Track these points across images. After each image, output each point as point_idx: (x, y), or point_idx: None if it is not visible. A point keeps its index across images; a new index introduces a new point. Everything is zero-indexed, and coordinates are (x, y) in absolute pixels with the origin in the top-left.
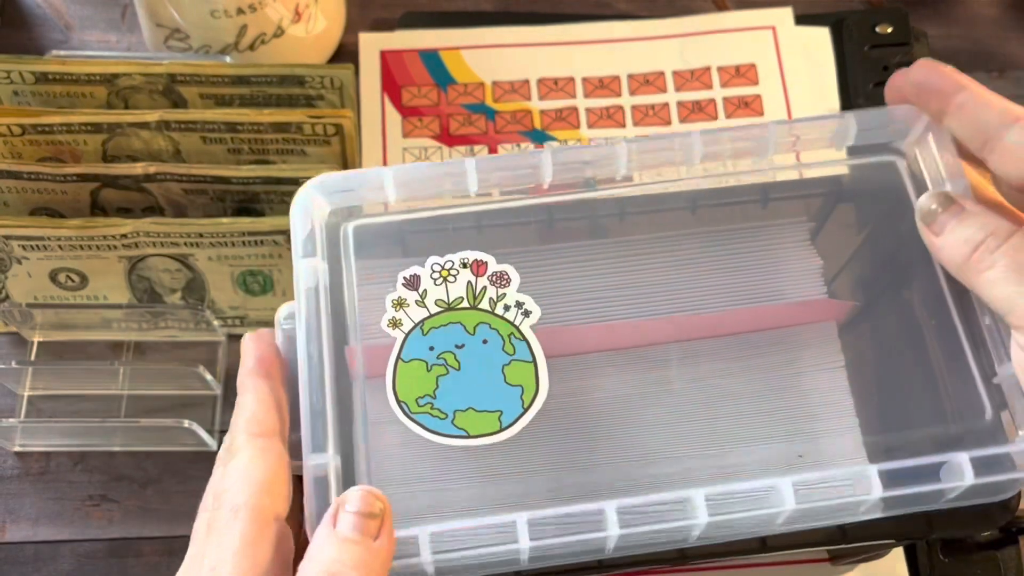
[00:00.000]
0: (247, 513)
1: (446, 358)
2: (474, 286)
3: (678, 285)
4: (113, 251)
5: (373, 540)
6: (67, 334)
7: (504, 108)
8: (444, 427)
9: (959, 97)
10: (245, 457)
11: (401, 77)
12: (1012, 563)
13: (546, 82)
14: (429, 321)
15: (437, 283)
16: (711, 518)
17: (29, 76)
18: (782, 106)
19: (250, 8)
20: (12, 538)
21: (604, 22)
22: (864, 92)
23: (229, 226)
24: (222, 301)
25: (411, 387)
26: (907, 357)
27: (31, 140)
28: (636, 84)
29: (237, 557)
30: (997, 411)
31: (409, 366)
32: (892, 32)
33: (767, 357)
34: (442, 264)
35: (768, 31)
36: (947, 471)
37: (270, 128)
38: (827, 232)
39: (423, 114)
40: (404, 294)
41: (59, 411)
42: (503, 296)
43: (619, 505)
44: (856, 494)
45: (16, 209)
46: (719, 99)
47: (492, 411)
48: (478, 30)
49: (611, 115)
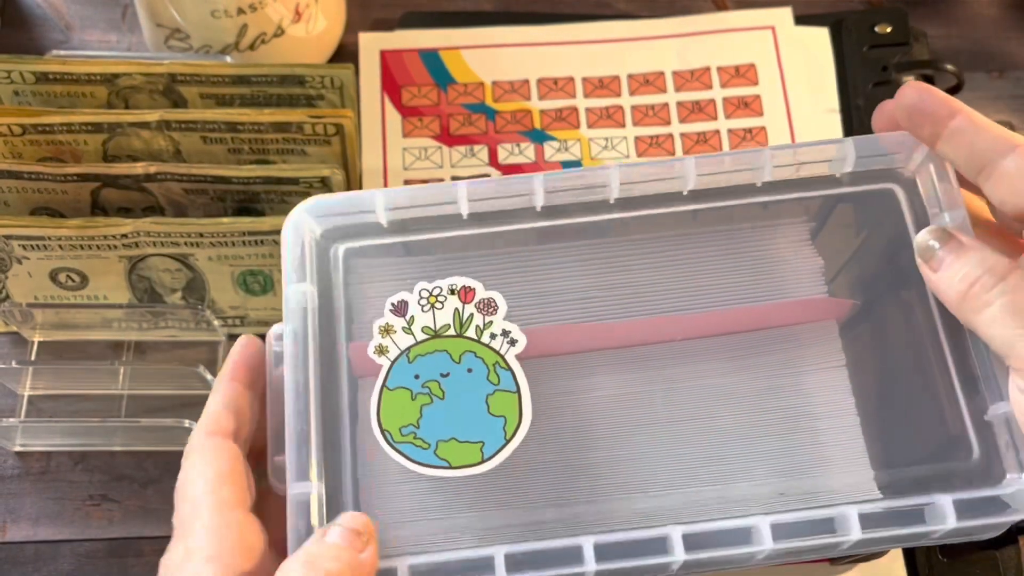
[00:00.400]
0: (207, 501)
1: (431, 387)
2: (461, 313)
3: (676, 285)
4: (113, 251)
5: (359, 552)
6: (67, 334)
7: (504, 108)
8: (427, 457)
9: (953, 122)
10: (197, 455)
11: (401, 77)
12: (1011, 563)
13: (546, 82)
14: (415, 348)
15: (424, 309)
16: (688, 556)
17: (29, 76)
18: (782, 106)
19: (250, 8)
20: (12, 538)
21: (604, 22)
22: (864, 92)
23: (229, 226)
24: (222, 301)
25: (395, 416)
26: (900, 385)
27: (31, 140)
28: (636, 84)
29: (201, 543)
30: (985, 451)
31: (394, 394)
32: (891, 32)
33: (766, 356)
34: (430, 290)
35: (768, 31)
36: (931, 513)
37: (270, 128)
38: (827, 233)
39: (423, 114)
40: (391, 320)
41: (59, 411)
42: (489, 324)
43: (597, 541)
44: (836, 534)
45: (16, 209)
46: (719, 99)
47: (475, 442)
48: (478, 30)
49: (611, 115)
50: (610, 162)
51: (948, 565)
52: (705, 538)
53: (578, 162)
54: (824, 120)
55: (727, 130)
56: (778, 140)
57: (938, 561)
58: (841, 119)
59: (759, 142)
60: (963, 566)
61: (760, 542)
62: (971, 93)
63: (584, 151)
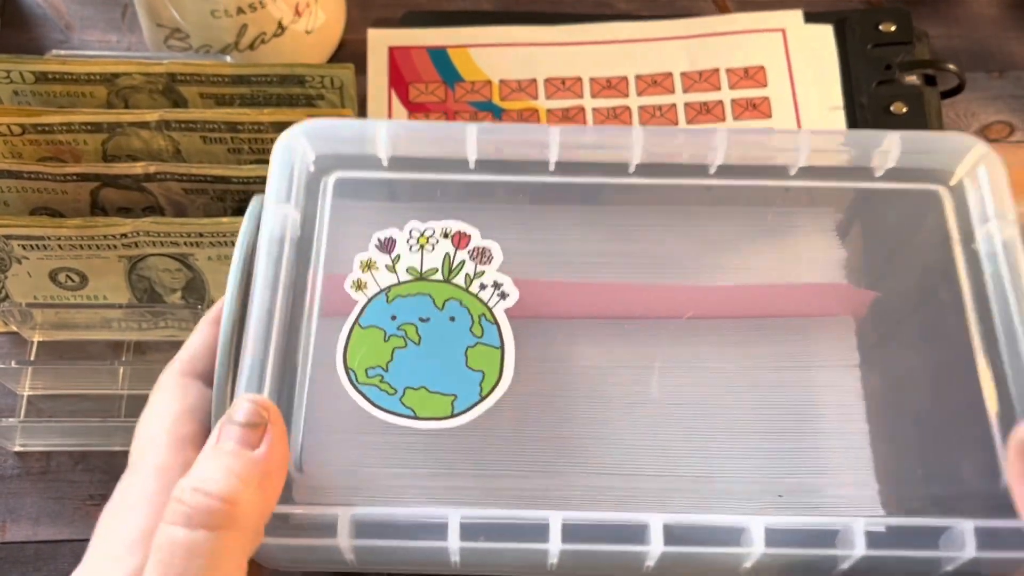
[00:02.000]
0: (163, 439)
1: (407, 330)
2: (451, 258)
3: (689, 260)
4: (113, 251)
5: (251, 450)
6: (67, 334)
7: (511, 107)
8: (391, 403)
9: None
10: (165, 393)
11: (409, 73)
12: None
13: (553, 81)
14: (396, 289)
15: (413, 249)
16: (666, 548)
17: (29, 76)
18: (791, 109)
19: (250, 7)
20: (13, 538)
21: (613, 23)
22: (867, 91)
23: (229, 226)
24: None
25: (363, 355)
26: (918, 395)
27: (31, 140)
28: (644, 85)
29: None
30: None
31: (366, 333)
32: (895, 31)
33: (775, 346)
34: (422, 230)
35: (778, 34)
36: (947, 539)
37: (270, 128)
38: (855, 233)
39: (430, 111)
40: (375, 256)
41: (59, 411)
42: (481, 273)
43: (566, 519)
44: (838, 548)
45: (16, 209)
46: (727, 101)
47: (446, 394)
48: (487, 28)
49: (618, 115)
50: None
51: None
52: (688, 532)
53: None
54: (828, 118)
55: None
56: None
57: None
58: (845, 116)
59: None
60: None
61: (750, 543)
62: (971, 93)
63: None
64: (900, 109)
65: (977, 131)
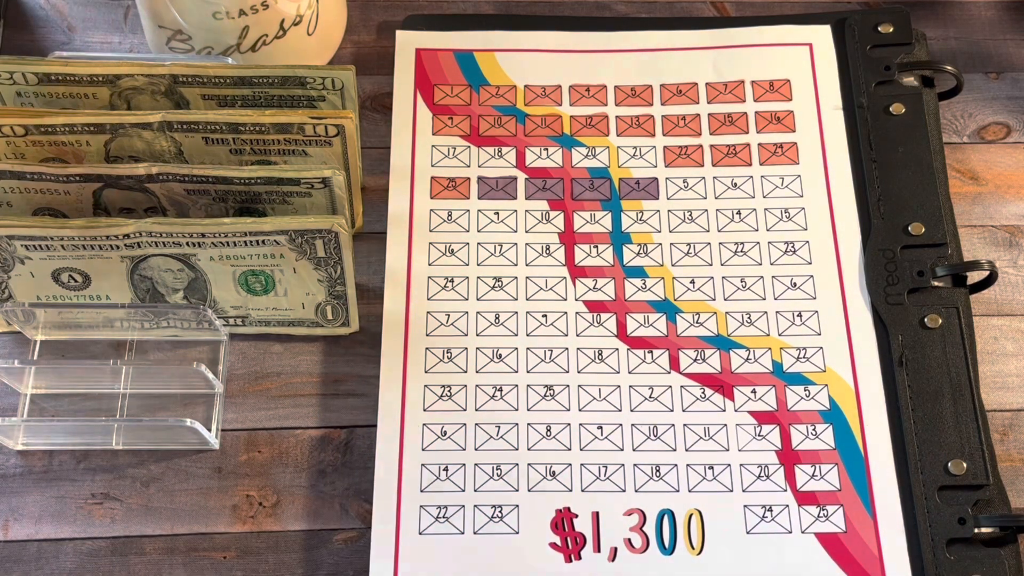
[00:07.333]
0: None
1: None
2: None
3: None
4: (115, 251)
5: None
6: (69, 333)
7: (534, 112)
8: None
9: None
10: None
11: (435, 76)
12: (1013, 560)
13: (578, 88)
14: None
15: None
16: None
17: (32, 77)
18: (814, 123)
19: (252, 10)
20: (15, 536)
21: (641, 32)
22: (866, 91)
23: (231, 226)
24: (224, 301)
25: None
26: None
27: (34, 141)
28: (668, 94)
29: None
30: None
31: None
32: (894, 32)
33: None
34: None
35: (805, 48)
36: None
37: (272, 129)
38: None
39: (454, 113)
40: None
41: (61, 410)
42: None
43: None
44: None
45: (19, 209)
46: (751, 113)
47: None
48: (514, 34)
49: (641, 124)
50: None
51: (954, 562)
52: None
53: (605, 169)
54: (828, 117)
55: (758, 144)
56: (809, 157)
57: (945, 559)
58: (844, 116)
59: (790, 158)
60: (968, 563)
61: None
62: (968, 94)
63: (612, 159)
64: (899, 110)
65: (974, 132)
